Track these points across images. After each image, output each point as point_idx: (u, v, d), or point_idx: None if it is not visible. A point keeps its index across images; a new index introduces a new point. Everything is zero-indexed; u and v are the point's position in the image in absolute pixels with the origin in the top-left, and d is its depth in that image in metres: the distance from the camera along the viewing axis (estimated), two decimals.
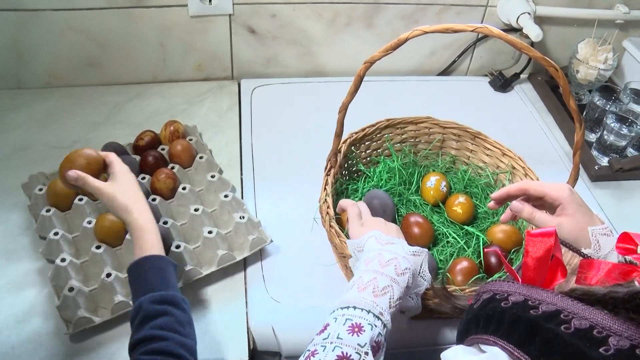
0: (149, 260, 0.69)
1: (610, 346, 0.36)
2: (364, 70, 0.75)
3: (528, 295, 0.44)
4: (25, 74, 1.16)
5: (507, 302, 0.44)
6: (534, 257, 0.47)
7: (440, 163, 1.02)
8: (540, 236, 0.48)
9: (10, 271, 0.83)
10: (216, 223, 0.90)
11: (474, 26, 0.67)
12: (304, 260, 0.89)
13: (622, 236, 0.54)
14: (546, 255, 0.47)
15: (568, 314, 0.40)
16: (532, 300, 0.43)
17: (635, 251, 0.52)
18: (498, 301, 0.45)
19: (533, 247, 0.48)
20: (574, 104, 0.69)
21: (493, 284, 0.48)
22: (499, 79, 1.31)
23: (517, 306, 0.43)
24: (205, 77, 1.26)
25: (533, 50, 0.66)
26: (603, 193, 1.07)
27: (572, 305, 0.40)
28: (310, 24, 1.22)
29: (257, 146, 1.09)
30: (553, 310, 0.41)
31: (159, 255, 0.70)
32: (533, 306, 0.42)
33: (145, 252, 0.70)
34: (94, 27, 1.12)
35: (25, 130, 1.08)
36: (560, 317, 0.40)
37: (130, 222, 0.72)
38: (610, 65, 1.20)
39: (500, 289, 0.47)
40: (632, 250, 0.53)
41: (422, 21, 1.24)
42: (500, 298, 0.45)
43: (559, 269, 0.48)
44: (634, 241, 0.53)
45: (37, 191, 0.90)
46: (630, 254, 0.53)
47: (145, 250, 0.70)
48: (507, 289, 0.46)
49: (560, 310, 0.40)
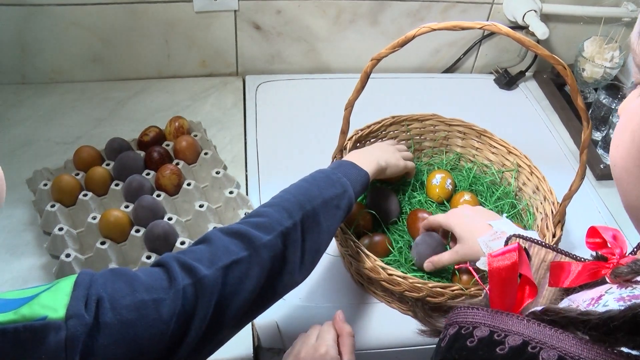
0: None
1: None
2: (370, 67, 0.74)
3: (494, 327, 0.41)
4: (30, 69, 1.16)
5: (472, 340, 0.41)
6: (497, 278, 0.44)
7: (446, 161, 1.02)
8: (502, 255, 0.45)
9: (14, 266, 0.83)
10: (221, 219, 0.90)
11: (482, 24, 0.67)
12: None
13: (590, 231, 0.53)
14: (511, 275, 0.44)
15: (535, 345, 0.37)
16: (498, 333, 0.40)
17: (605, 245, 0.51)
18: (464, 338, 0.42)
19: (496, 267, 0.45)
20: (581, 103, 0.69)
21: (458, 314, 0.45)
22: (504, 76, 1.31)
23: (483, 344, 0.40)
24: (210, 73, 1.26)
25: (541, 48, 0.66)
26: (608, 192, 1.07)
27: (540, 333, 0.38)
28: (315, 21, 1.21)
29: (262, 143, 1.09)
30: (519, 344, 0.38)
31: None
32: (499, 341, 0.39)
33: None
34: (98, 22, 1.12)
35: (30, 126, 1.08)
36: (528, 350, 0.37)
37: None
38: (616, 64, 1.19)
39: (465, 320, 0.44)
40: (601, 244, 0.52)
41: (427, 19, 1.24)
42: (465, 333, 0.42)
43: (527, 287, 0.46)
44: (602, 235, 0.52)
45: (41, 186, 0.90)
46: (599, 249, 0.51)
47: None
48: (472, 320, 0.43)
49: (527, 341, 0.38)
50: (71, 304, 0.46)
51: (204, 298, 0.53)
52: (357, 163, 0.78)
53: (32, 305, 0.44)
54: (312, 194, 0.68)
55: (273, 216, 0.63)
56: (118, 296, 0.49)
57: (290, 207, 0.65)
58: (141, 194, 0.88)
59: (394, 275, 0.74)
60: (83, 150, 0.95)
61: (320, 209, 0.67)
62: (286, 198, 0.67)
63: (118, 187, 0.91)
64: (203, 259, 0.56)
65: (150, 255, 0.81)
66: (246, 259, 0.58)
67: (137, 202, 0.86)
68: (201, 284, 0.53)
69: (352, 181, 0.73)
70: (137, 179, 0.90)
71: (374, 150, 0.87)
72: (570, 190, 0.76)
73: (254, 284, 0.58)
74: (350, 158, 0.80)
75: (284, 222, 0.63)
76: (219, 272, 0.55)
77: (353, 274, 0.87)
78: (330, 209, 0.68)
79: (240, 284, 0.57)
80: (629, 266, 0.43)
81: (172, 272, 0.53)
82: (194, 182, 0.92)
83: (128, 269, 0.53)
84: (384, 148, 0.89)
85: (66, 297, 0.46)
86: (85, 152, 0.95)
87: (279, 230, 0.61)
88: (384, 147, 0.90)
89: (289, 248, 0.62)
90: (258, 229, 0.61)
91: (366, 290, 0.85)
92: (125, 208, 0.88)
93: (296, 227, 0.64)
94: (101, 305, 0.47)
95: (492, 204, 0.94)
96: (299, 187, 0.70)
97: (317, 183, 0.70)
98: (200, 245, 0.59)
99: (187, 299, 0.52)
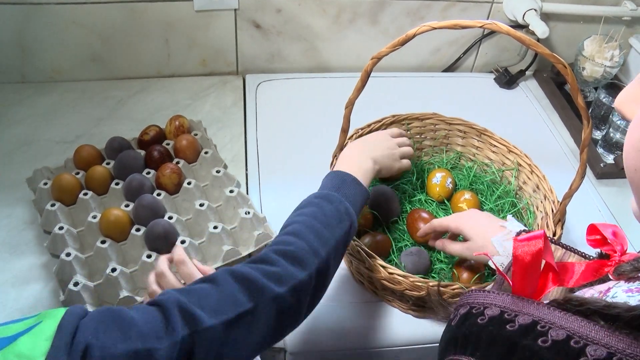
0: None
1: (588, 357, 0.34)
2: (371, 65, 0.74)
3: (504, 307, 0.42)
4: (29, 68, 1.16)
5: (483, 318, 0.42)
6: (522, 264, 0.45)
7: (446, 159, 1.02)
8: (527, 240, 0.45)
9: (15, 265, 0.83)
10: (221, 218, 0.90)
11: (482, 22, 0.66)
12: None
13: (590, 228, 0.53)
14: (534, 260, 0.44)
15: (545, 325, 0.38)
16: (509, 313, 0.41)
17: (605, 242, 0.51)
18: (475, 317, 0.43)
19: (521, 252, 0.45)
20: (582, 102, 0.68)
21: (469, 295, 0.46)
22: (505, 75, 1.31)
23: (493, 322, 0.41)
24: (210, 72, 1.26)
25: (542, 47, 0.66)
26: (609, 190, 1.07)
27: (549, 314, 0.38)
28: (315, 20, 1.21)
29: (262, 141, 1.09)
30: (529, 323, 0.39)
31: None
32: (509, 320, 0.40)
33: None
34: (98, 21, 1.12)
35: (30, 125, 1.07)
36: (537, 328, 0.38)
37: None
38: (616, 63, 1.19)
39: (476, 301, 0.44)
40: (601, 241, 0.52)
41: (427, 18, 1.24)
42: (476, 313, 0.43)
43: (551, 275, 0.46)
44: (602, 233, 0.52)
45: (41, 185, 0.90)
46: (600, 246, 0.52)
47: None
48: (483, 301, 0.44)
49: (537, 321, 0.39)
50: (51, 354, 0.40)
51: (201, 351, 0.49)
52: (354, 171, 0.76)
53: (7, 354, 0.40)
54: (325, 237, 0.63)
55: (286, 268, 0.58)
56: (109, 344, 0.44)
57: (304, 256, 0.60)
58: (141, 193, 0.88)
59: (395, 274, 0.74)
60: (83, 149, 0.95)
61: (332, 253, 0.63)
62: (300, 244, 0.61)
63: (118, 186, 0.91)
64: (206, 306, 0.51)
65: (150, 254, 0.81)
66: (253, 311, 0.53)
67: (137, 201, 0.86)
68: (201, 336, 0.49)
69: (355, 205, 0.71)
70: (137, 178, 0.90)
71: (372, 146, 0.84)
72: (571, 189, 0.77)
73: (256, 340, 0.54)
74: (347, 161, 0.78)
75: (297, 274, 0.58)
76: (222, 327, 0.51)
77: (353, 273, 0.87)
78: (339, 250, 0.66)
79: (242, 340, 0.53)
80: (631, 264, 0.43)
81: (171, 319, 0.49)
82: (194, 181, 0.92)
83: (122, 309, 0.49)
84: (383, 144, 0.86)
85: (46, 344, 0.41)
86: (85, 151, 0.95)
87: (292, 284, 0.57)
88: (384, 142, 0.87)
89: (299, 301, 0.58)
90: (269, 278, 0.56)
91: (366, 289, 0.85)
92: (125, 207, 0.88)
93: (310, 279, 0.59)
94: (89, 354, 0.42)
95: (493, 203, 0.94)
96: (310, 226, 0.64)
97: (328, 221, 0.66)
98: (205, 285, 0.54)
99: (183, 351, 0.48)
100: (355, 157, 0.80)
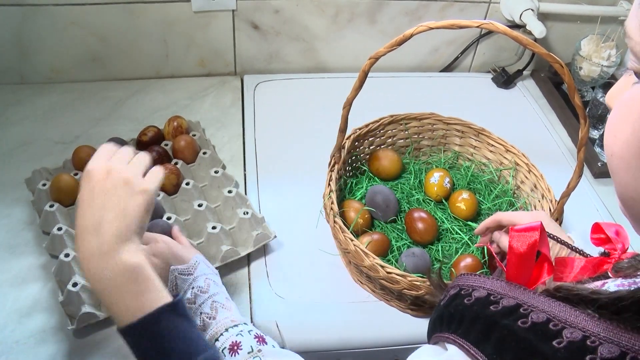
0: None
1: (564, 338, 0.35)
2: (368, 65, 0.75)
3: (491, 290, 0.43)
4: (28, 69, 1.16)
5: (470, 299, 0.43)
6: (516, 253, 0.46)
7: (444, 159, 1.02)
8: (524, 231, 0.46)
9: (13, 266, 0.83)
10: (220, 219, 0.90)
11: (479, 22, 0.67)
12: (307, 256, 0.89)
13: (594, 227, 0.54)
14: (530, 251, 0.45)
15: (527, 308, 0.39)
16: (495, 295, 0.42)
17: (608, 241, 0.51)
18: (462, 297, 0.44)
19: (517, 242, 0.46)
20: (579, 101, 0.69)
21: (460, 278, 0.47)
22: (502, 75, 1.31)
23: (478, 302, 0.42)
24: (208, 72, 1.26)
25: (539, 47, 0.66)
26: (606, 190, 1.07)
27: (534, 299, 0.39)
28: (313, 20, 1.21)
29: (260, 142, 1.09)
30: (513, 305, 0.40)
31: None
32: (494, 301, 0.41)
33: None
34: (96, 22, 1.12)
35: (28, 125, 1.07)
36: (520, 311, 0.39)
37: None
38: (613, 62, 1.20)
39: (466, 284, 0.45)
40: (604, 240, 0.52)
41: (425, 17, 1.24)
42: (464, 294, 0.44)
43: (545, 266, 0.46)
44: (605, 231, 0.52)
45: (40, 186, 0.90)
46: (603, 244, 0.52)
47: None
48: (472, 284, 0.45)
49: (520, 304, 0.39)
50: None
51: None
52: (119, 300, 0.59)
53: None
54: None
55: None
56: None
57: None
58: None
59: (393, 274, 0.75)
60: (82, 149, 0.95)
61: None
62: None
63: None
64: None
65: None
66: None
67: None
68: None
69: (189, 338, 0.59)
70: None
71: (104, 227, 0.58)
72: (568, 188, 0.77)
73: None
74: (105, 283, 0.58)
75: None
76: None
77: (352, 272, 0.87)
78: None
79: None
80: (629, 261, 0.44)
81: None
82: (193, 182, 0.92)
83: None
84: (110, 202, 0.59)
85: None
86: (84, 151, 0.95)
87: None
88: (110, 198, 0.59)
89: None
90: None
91: (365, 288, 0.86)
92: None
93: None
94: None
95: (490, 202, 0.95)
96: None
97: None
98: None
99: None
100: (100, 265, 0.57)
